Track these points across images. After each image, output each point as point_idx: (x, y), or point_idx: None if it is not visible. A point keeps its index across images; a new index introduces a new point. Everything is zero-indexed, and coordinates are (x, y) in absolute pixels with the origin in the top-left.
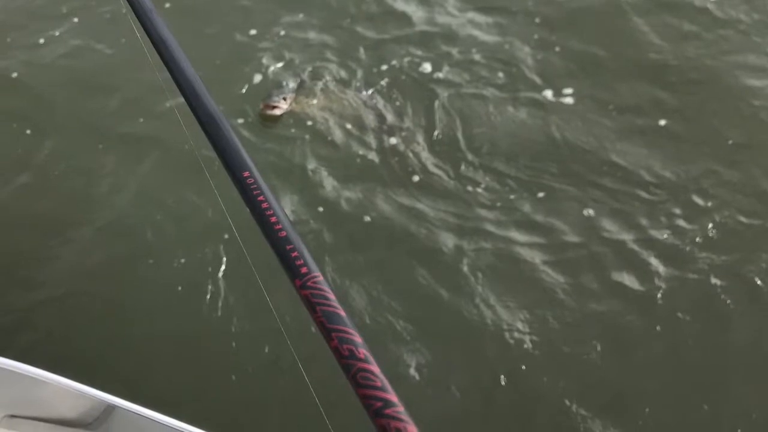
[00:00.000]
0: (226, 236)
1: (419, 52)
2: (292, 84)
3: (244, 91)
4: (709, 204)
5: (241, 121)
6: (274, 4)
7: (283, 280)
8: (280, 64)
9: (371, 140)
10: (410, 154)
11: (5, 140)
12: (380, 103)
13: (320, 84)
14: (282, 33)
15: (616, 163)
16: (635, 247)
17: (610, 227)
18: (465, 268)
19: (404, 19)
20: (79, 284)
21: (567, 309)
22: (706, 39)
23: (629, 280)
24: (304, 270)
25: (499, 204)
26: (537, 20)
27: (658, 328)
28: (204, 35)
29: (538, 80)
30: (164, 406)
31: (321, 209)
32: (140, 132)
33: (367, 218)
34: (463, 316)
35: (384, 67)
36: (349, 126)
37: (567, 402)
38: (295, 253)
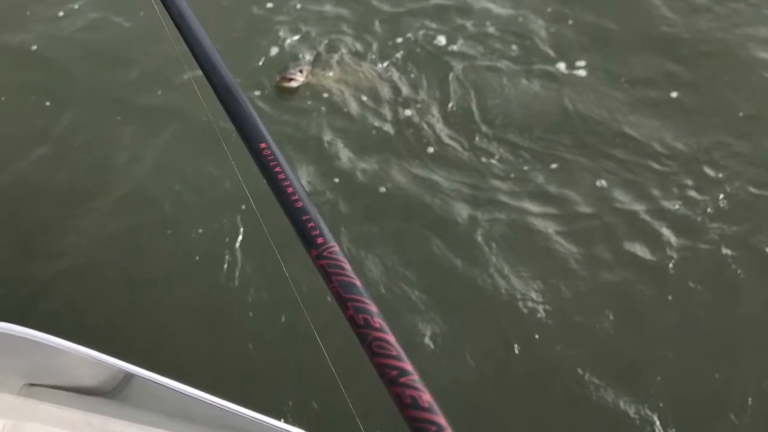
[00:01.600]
0: (243, 207)
1: (434, 25)
2: (308, 56)
3: (260, 63)
4: (720, 175)
5: (257, 93)
6: None
7: (300, 250)
8: (296, 37)
9: (386, 112)
10: (425, 126)
11: (25, 113)
12: (395, 75)
13: (336, 57)
14: (298, 6)
15: (629, 135)
16: (647, 217)
17: (623, 198)
18: (479, 239)
19: None
20: (98, 254)
21: (580, 279)
22: (718, 12)
23: (641, 251)
24: (320, 240)
25: (512, 175)
26: None
27: (669, 297)
28: (221, 8)
29: (551, 53)
30: (182, 375)
31: (337, 180)
32: (158, 104)
33: (383, 189)
34: (477, 286)
35: (399, 40)
36: (364, 98)
37: (580, 371)
38: (311, 224)
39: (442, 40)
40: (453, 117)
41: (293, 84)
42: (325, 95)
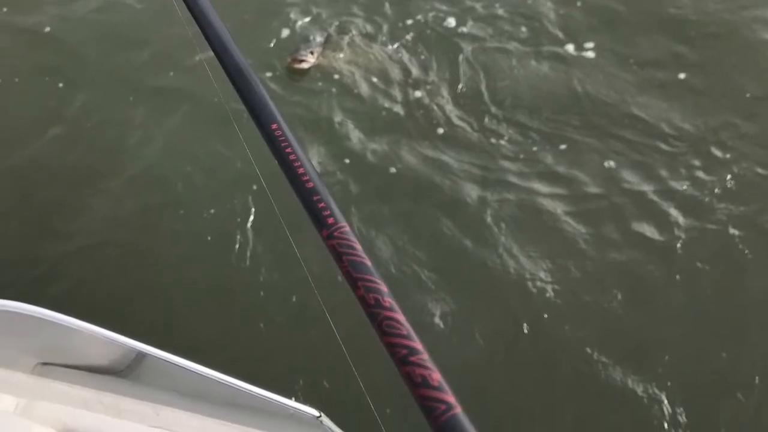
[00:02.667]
0: (255, 187)
1: (444, 7)
2: (319, 38)
3: (272, 45)
4: (728, 156)
5: (269, 74)
6: None
7: (311, 230)
8: (307, 19)
9: (396, 93)
10: (435, 107)
11: (38, 94)
12: (405, 57)
13: (347, 38)
14: None
15: (637, 116)
16: (655, 197)
17: (631, 178)
18: (488, 219)
19: None
20: (110, 234)
21: (588, 259)
22: None
23: (649, 231)
24: (330, 220)
25: (521, 156)
26: None
27: (677, 277)
28: None
29: (560, 34)
30: (194, 354)
31: (347, 161)
32: (170, 85)
33: (393, 170)
34: (487, 266)
35: (409, 22)
36: (374, 79)
37: (588, 350)
38: (322, 204)
39: (451, 21)
40: (463, 98)
41: (304, 65)
42: (336, 77)
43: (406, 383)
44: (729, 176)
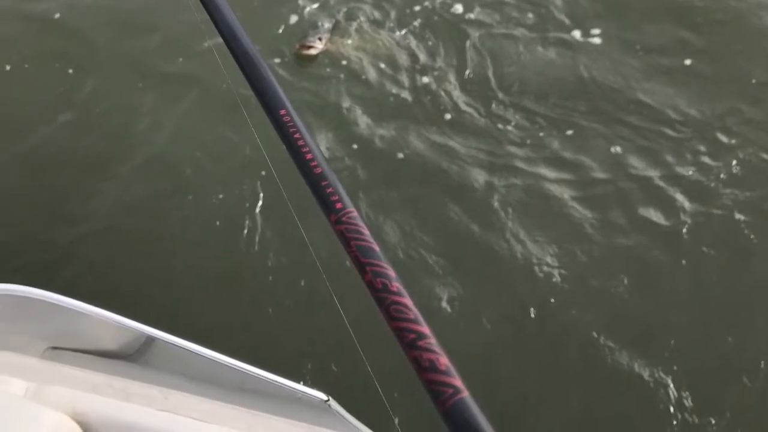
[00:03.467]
0: (263, 173)
1: None
2: (327, 24)
3: (280, 31)
4: (734, 141)
5: (277, 60)
6: None
7: (319, 215)
8: (315, 5)
9: (404, 79)
10: (442, 93)
11: (48, 79)
12: (413, 43)
13: (355, 24)
14: None
15: (643, 102)
16: (661, 183)
17: (637, 164)
18: (496, 204)
19: None
20: (119, 219)
21: (595, 243)
22: None
23: (655, 216)
24: (338, 205)
25: (528, 141)
26: None
27: (683, 262)
28: None
29: (566, 21)
30: (202, 338)
31: (355, 146)
32: (179, 71)
33: (401, 155)
34: (494, 251)
35: (417, 8)
36: (382, 65)
37: (595, 334)
38: (330, 189)
39: (459, 8)
40: (470, 84)
41: (312, 51)
42: (344, 63)
43: (413, 367)
44: (735, 162)
